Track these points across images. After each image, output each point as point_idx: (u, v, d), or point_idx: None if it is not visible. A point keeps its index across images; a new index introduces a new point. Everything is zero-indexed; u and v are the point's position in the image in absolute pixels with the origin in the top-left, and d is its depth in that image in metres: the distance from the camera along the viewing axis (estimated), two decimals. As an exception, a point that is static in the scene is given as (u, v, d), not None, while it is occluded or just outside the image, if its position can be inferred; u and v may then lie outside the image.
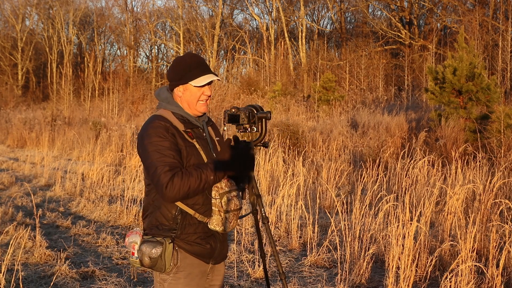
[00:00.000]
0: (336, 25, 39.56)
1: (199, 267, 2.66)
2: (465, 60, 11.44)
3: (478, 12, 25.13)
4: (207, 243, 2.65)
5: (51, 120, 23.23)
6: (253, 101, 23.48)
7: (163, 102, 2.74)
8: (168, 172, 2.47)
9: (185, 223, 2.60)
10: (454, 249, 5.39)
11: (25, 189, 9.96)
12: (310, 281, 5.19)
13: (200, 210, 2.61)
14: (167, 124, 2.61)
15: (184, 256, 2.61)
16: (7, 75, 43.15)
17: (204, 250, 2.64)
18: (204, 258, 2.66)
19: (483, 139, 10.40)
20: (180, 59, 2.75)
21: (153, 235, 2.60)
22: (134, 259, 2.60)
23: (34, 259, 5.74)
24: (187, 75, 2.68)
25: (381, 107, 20.08)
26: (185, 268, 2.61)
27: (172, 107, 2.71)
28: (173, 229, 2.59)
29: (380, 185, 8.10)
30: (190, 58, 2.73)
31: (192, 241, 2.61)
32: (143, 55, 59.34)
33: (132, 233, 2.64)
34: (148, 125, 2.63)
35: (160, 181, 2.47)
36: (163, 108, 2.72)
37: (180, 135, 2.62)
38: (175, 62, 2.75)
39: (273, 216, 7.03)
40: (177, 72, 2.71)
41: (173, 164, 2.50)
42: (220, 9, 38.99)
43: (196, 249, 2.62)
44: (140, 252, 2.57)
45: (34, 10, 45.69)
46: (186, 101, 2.71)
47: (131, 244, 2.62)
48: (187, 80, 2.68)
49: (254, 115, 2.81)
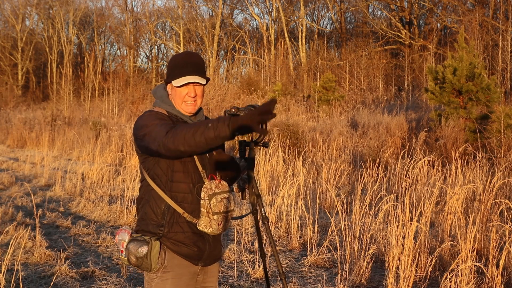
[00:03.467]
0: (336, 25, 39.58)
1: (188, 268, 2.62)
2: (465, 60, 11.44)
3: (478, 12, 25.14)
4: (194, 245, 2.58)
5: (51, 120, 23.23)
6: (253, 101, 23.48)
7: (157, 100, 2.70)
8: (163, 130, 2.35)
9: (173, 221, 2.55)
10: (454, 249, 5.39)
11: (25, 189, 9.96)
12: (310, 281, 5.19)
13: (188, 209, 2.56)
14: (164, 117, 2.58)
15: (172, 257, 2.57)
16: (7, 75, 43.16)
17: (192, 252, 2.59)
18: (192, 260, 2.61)
19: (483, 139, 10.40)
20: (173, 57, 2.72)
21: (142, 232, 2.58)
22: (123, 257, 2.58)
23: (34, 259, 5.74)
24: (171, 73, 2.65)
25: (381, 107, 20.09)
26: (173, 268, 2.57)
27: (166, 106, 2.66)
28: (160, 225, 2.55)
29: (380, 185, 8.11)
30: (180, 57, 2.67)
31: (180, 241, 2.55)
32: (143, 55, 59.45)
33: (121, 231, 2.61)
34: (144, 113, 2.60)
35: (159, 133, 2.35)
36: (158, 106, 2.69)
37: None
38: (170, 59, 2.75)
39: (273, 216, 7.03)
40: (167, 70, 2.69)
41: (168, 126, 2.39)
42: (220, 9, 39.00)
43: (183, 250, 2.57)
44: (127, 251, 2.54)
45: (34, 10, 45.70)
46: (173, 99, 2.66)
47: (120, 242, 2.59)
48: (170, 79, 2.64)
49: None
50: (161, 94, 2.70)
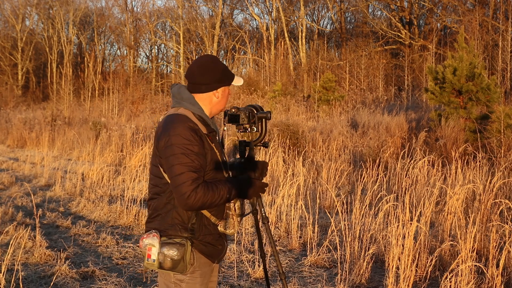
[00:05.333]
0: (336, 25, 39.57)
1: (210, 266, 2.73)
2: (465, 60, 11.44)
3: (478, 12, 25.13)
4: (219, 244, 2.72)
5: (51, 120, 23.24)
6: (253, 101, 23.49)
7: (184, 102, 2.67)
8: (194, 181, 2.47)
9: (201, 224, 2.63)
10: (454, 249, 5.39)
11: (25, 189, 9.96)
12: (310, 281, 5.19)
13: (215, 213, 2.66)
14: (196, 127, 2.58)
15: (199, 256, 2.64)
16: (7, 75, 43.15)
17: (216, 251, 2.71)
18: (213, 258, 2.72)
19: (483, 139, 10.40)
20: (214, 61, 2.73)
21: (169, 236, 2.59)
22: (151, 262, 2.56)
23: (34, 259, 5.74)
24: (228, 75, 2.73)
25: (381, 107, 20.09)
26: (200, 267, 2.65)
27: (195, 109, 2.65)
28: (189, 229, 2.60)
29: (380, 185, 8.10)
30: (218, 60, 2.76)
31: (208, 242, 2.65)
32: (143, 55, 59.42)
33: (150, 235, 2.58)
34: (178, 124, 2.56)
35: (183, 188, 2.46)
36: (184, 108, 2.66)
37: (205, 139, 2.61)
38: (210, 64, 2.70)
39: (273, 216, 7.03)
40: (215, 74, 2.69)
41: (197, 174, 2.50)
42: (220, 9, 39.00)
43: (210, 250, 2.67)
44: (161, 255, 2.54)
45: (34, 10, 45.70)
46: (218, 103, 2.72)
47: (147, 247, 2.56)
48: (230, 80, 2.74)
49: (254, 115, 2.81)
50: (188, 96, 2.69)
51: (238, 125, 2.82)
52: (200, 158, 2.53)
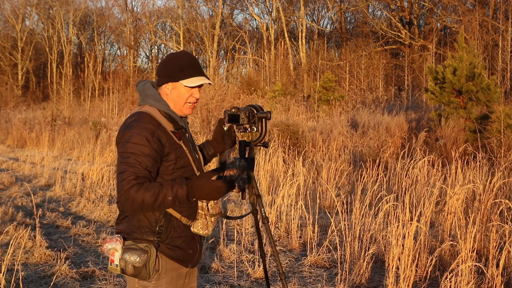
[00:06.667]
0: (336, 25, 39.59)
1: (179, 271, 2.59)
2: (465, 60, 11.44)
3: (478, 12, 25.14)
4: (189, 248, 2.57)
5: (51, 120, 23.24)
6: (253, 101, 23.48)
7: (149, 99, 2.58)
8: (132, 180, 2.34)
9: (170, 227, 2.50)
10: (454, 249, 5.39)
11: (25, 189, 9.96)
12: (310, 281, 5.19)
13: (186, 213, 2.53)
14: (154, 128, 2.47)
15: (165, 262, 2.51)
16: (7, 75, 43.17)
17: (186, 255, 2.57)
18: (185, 263, 2.59)
19: (483, 139, 10.40)
20: (174, 55, 2.62)
21: (135, 240, 2.47)
22: (114, 266, 2.45)
23: (34, 259, 5.73)
24: (179, 73, 2.55)
25: (381, 107, 20.09)
26: (167, 273, 2.52)
27: (160, 105, 2.56)
28: (156, 232, 2.48)
29: (380, 185, 8.10)
30: (185, 56, 2.61)
31: (176, 245, 2.52)
32: (143, 55, 59.41)
33: (112, 239, 2.47)
34: (136, 123, 2.47)
35: (122, 186, 2.34)
36: (149, 105, 2.58)
37: (168, 137, 2.50)
38: (168, 57, 2.62)
39: (273, 216, 7.03)
40: (169, 69, 2.57)
41: (142, 174, 2.37)
42: (220, 9, 39.01)
43: (178, 254, 2.54)
44: (123, 261, 2.41)
45: (34, 10, 45.71)
46: (172, 100, 2.58)
47: (110, 251, 2.45)
48: (178, 78, 2.55)
49: (254, 115, 2.80)
50: (153, 92, 2.59)
51: (238, 125, 2.80)
52: (148, 160, 2.40)
